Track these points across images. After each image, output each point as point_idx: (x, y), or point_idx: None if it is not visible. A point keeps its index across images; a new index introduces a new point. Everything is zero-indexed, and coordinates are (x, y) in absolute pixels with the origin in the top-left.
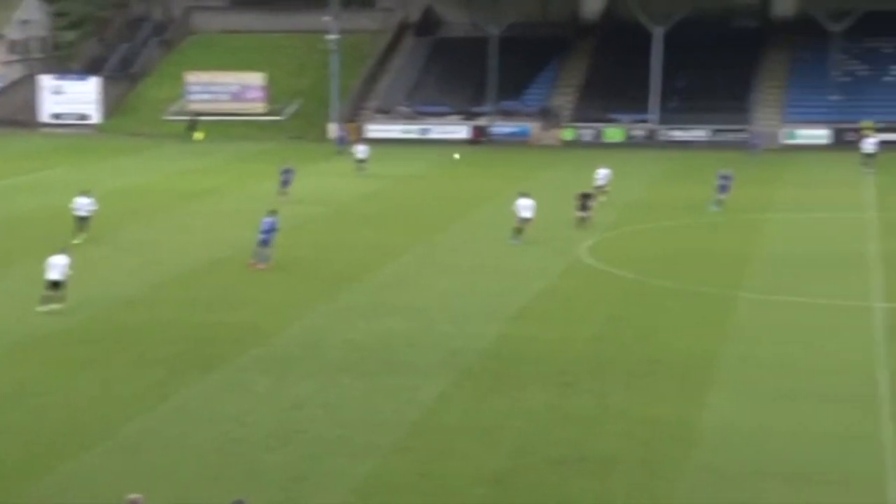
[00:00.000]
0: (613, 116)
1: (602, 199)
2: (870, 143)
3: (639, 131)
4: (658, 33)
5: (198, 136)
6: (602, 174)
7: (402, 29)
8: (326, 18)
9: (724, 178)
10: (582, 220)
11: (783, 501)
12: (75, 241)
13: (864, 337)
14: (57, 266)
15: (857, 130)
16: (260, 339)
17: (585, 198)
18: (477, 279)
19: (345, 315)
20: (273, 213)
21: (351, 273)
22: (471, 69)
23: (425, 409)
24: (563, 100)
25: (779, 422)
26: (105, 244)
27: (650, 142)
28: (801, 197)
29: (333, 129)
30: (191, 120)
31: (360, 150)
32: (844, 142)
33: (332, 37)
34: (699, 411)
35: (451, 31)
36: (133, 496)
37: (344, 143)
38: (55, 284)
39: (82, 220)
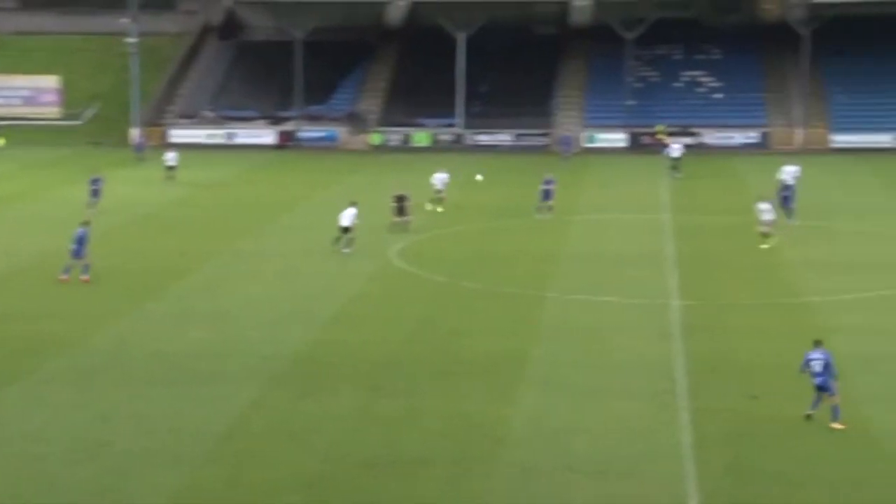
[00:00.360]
0: (420, 121)
1: (439, 208)
2: (675, 149)
3: (445, 136)
4: (461, 39)
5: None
6: (439, 178)
7: (205, 32)
8: (125, 20)
9: (547, 182)
10: (400, 224)
11: (587, 496)
12: None
13: (661, 334)
14: None
15: (652, 135)
16: (62, 350)
17: (400, 200)
18: (286, 285)
19: (152, 324)
20: (85, 223)
21: (157, 281)
22: (277, 73)
23: (236, 416)
24: (370, 104)
25: (583, 418)
26: None
27: (457, 146)
28: (603, 199)
29: (135, 135)
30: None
31: (170, 158)
32: (640, 145)
33: (131, 39)
34: (508, 409)
35: (255, 35)
36: None
37: (142, 149)
38: None
39: None
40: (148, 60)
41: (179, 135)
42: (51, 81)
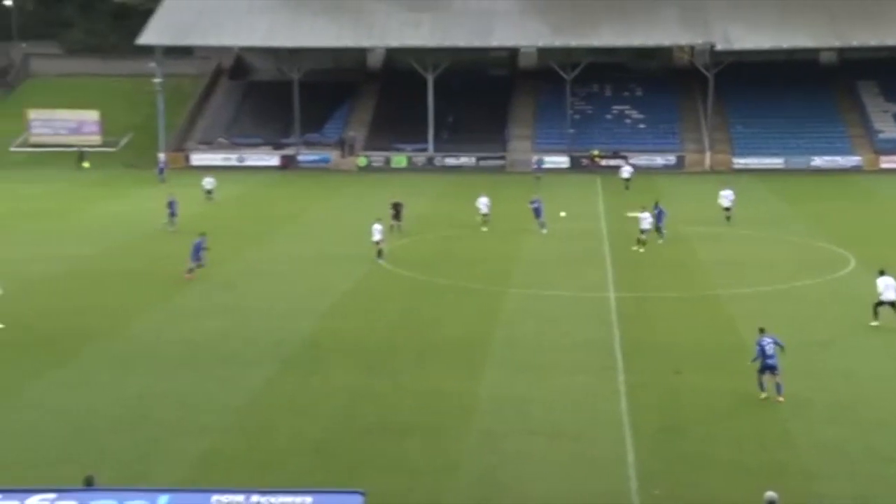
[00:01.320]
0: (398, 146)
1: (484, 228)
2: (626, 170)
3: (419, 158)
4: (430, 79)
5: (85, 164)
6: (483, 202)
7: (218, 73)
8: (152, 64)
9: (534, 202)
10: (396, 227)
11: (544, 454)
12: None
13: (602, 320)
14: None
15: (590, 158)
16: (104, 338)
17: (396, 206)
18: (291, 283)
19: (179, 316)
20: (202, 234)
21: (183, 280)
22: (278, 107)
23: (252, 393)
24: (357, 132)
25: (539, 391)
26: None
27: (429, 167)
28: (551, 210)
29: (159, 159)
30: (79, 152)
31: (208, 182)
32: (579, 165)
33: (157, 80)
34: (476, 384)
35: (259, 76)
36: None
37: (163, 172)
38: None
39: None
40: (172, 97)
41: (199, 158)
42: (92, 115)
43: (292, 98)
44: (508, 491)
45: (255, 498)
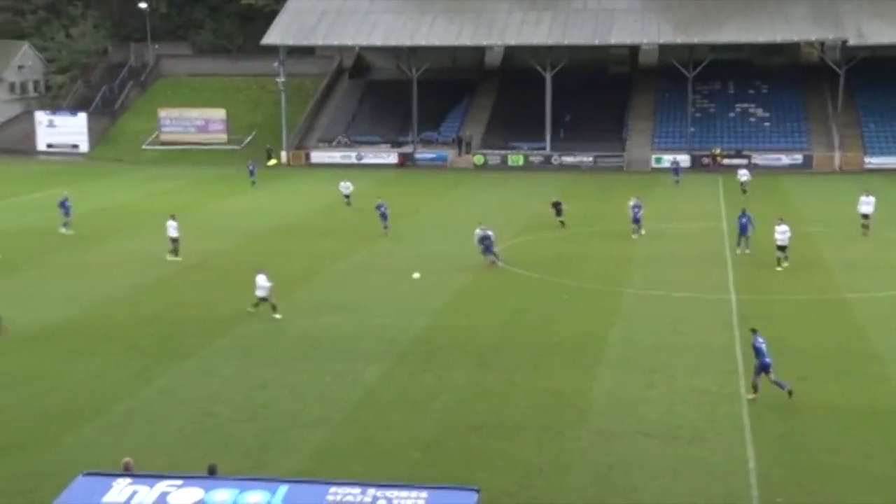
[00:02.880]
0: (514, 145)
1: (642, 232)
2: (742, 174)
3: (536, 157)
4: (548, 77)
5: (272, 162)
6: (634, 203)
7: (339, 73)
8: (276, 64)
9: (636, 207)
10: (558, 223)
11: (659, 457)
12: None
13: (723, 323)
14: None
15: (711, 157)
16: (227, 330)
17: (557, 205)
18: (405, 280)
19: (298, 311)
20: (483, 225)
21: (302, 275)
22: (396, 106)
23: (368, 387)
24: (474, 131)
25: (655, 392)
26: (94, 251)
27: (546, 165)
28: (670, 210)
29: (282, 156)
30: (267, 150)
31: (345, 187)
32: (700, 164)
33: (280, 79)
34: (590, 384)
35: (379, 75)
36: (126, 459)
37: (254, 174)
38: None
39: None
40: (294, 96)
41: (318, 156)
42: (218, 114)
43: (410, 97)
44: (622, 493)
45: (371, 491)
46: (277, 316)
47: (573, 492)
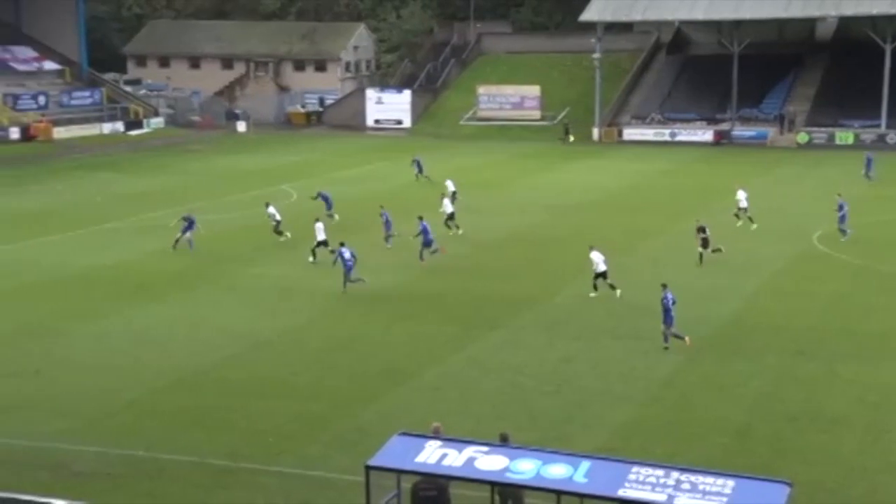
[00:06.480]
0: (844, 122)
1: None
2: None
3: (868, 135)
4: (888, 50)
5: (571, 138)
6: (741, 195)
7: (656, 48)
8: (592, 40)
9: (841, 206)
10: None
11: None
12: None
13: None
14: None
15: None
16: (533, 305)
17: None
18: (718, 260)
19: (601, 287)
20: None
21: (612, 249)
22: (714, 82)
23: (673, 367)
24: (797, 108)
25: None
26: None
27: (879, 144)
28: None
29: (594, 133)
30: (566, 125)
31: (742, 197)
32: None
33: (596, 55)
34: None
35: (698, 50)
36: (436, 424)
37: (421, 170)
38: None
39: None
40: (609, 73)
41: (630, 133)
42: (533, 90)
43: (731, 72)
44: None
45: (674, 475)
46: (592, 294)
47: None
